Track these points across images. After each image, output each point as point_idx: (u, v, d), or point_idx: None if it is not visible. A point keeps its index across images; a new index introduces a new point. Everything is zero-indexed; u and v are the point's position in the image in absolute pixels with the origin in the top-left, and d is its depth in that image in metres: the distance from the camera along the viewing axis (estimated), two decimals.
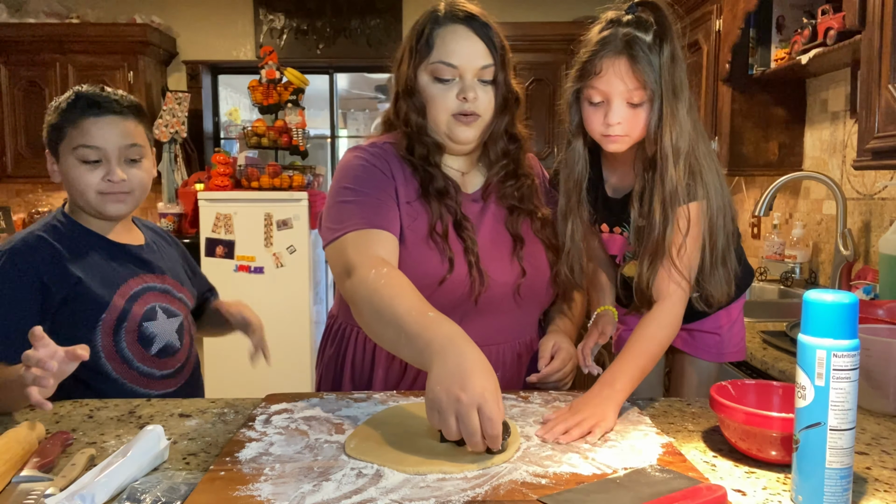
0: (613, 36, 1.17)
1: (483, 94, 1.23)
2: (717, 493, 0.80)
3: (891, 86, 1.62)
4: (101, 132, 1.28)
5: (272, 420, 1.07)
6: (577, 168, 1.30)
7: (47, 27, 4.14)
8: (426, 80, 1.23)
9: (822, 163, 2.65)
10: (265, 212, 3.80)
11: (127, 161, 1.31)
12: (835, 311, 0.78)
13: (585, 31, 1.23)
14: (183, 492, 0.82)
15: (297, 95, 4.10)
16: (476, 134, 1.25)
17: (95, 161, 1.28)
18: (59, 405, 1.19)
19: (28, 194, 4.53)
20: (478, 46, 1.22)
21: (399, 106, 1.27)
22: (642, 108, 1.20)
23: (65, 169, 1.31)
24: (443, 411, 0.88)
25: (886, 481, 0.88)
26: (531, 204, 1.32)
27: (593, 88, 1.20)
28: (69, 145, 1.29)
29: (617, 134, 1.21)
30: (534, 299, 1.33)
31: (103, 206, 1.31)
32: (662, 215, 1.20)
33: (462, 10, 1.23)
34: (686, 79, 1.21)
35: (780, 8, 2.57)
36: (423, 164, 1.26)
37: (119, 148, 1.29)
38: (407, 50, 1.27)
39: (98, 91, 1.31)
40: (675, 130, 1.19)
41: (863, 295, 2.07)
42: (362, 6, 4.42)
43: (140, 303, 1.33)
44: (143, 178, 1.34)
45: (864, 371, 1.09)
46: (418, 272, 1.18)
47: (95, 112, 1.28)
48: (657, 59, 1.17)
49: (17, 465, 0.89)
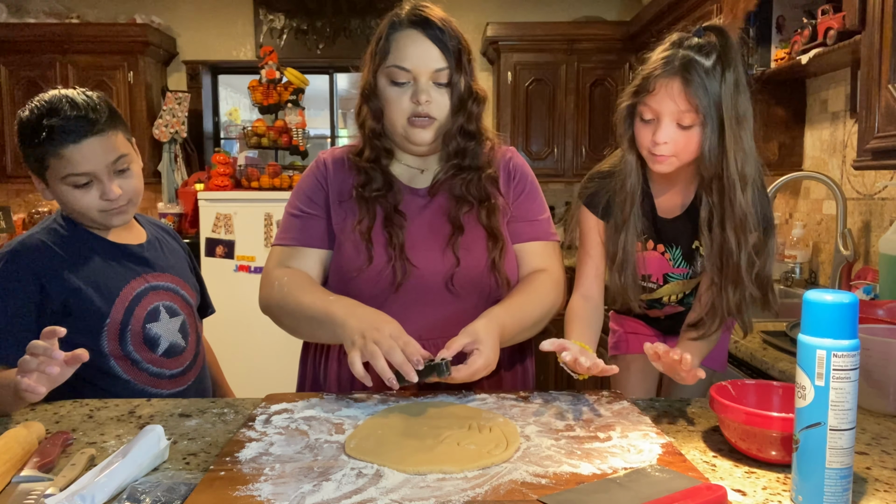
0: (672, 57, 1.21)
1: (438, 97, 1.26)
2: (717, 493, 0.80)
3: (891, 86, 1.62)
4: (85, 157, 1.22)
5: (272, 420, 1.08)
6: (630, 181, 1.32)
7: (47, 27, 4.13)
8: (384, 83, 1.27)
9: (822, 163, 2.65)
10: (265, 212, 3.80)
11: (117, 173, 1.27)
12: (835, 311, 0.78)
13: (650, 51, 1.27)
14: (183, 492, 0.82)
15: (297, 95, 4.10)
16: (431, 136, 1.27)
17: (87, 183, 1.25)
18: (60, 405, 1.19)
19: (28, 194, 4.53)
20: (431, 51, 1.24)
21: (360, 109, 1.33)
22: (693, 130, 1.22)
23: (58, 193, 1.27)
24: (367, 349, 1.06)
25: (886, 481, 0.88)
26: (480, 193, 1.32)
27: (645, 106, 1.24)
28: (56, 175, 1.24)
29: (664, 154, 1.24)
30: (471, 289, 1.30)
31: (108, 221, 1.30)
32: (737, 242, 1.23)
33: (419, 14, 1.25)
34: (751, 106, 1.23)
35: (780, 8, 2.57)
36: (369, 166, 1.32)
37: (107, 165, 1.25)
38: (368, 54, 1.31)
39: (67, 114, 1.21)
40: (740, 157, 1.21)
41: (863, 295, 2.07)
42: (362, 6, 4.42)
43: (143, 304, 1.33)
44: (136, 185, 1.32)
45: (864, 371, 1.09)
46: (342, 265, 1.31)
47: (73, 139, 1.21)
48: (716, 84, 1.19)
49: (17, 465, 0.89)
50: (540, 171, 4.09)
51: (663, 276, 1.42)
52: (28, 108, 1.26)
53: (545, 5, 4.43)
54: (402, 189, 1.33)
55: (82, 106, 1.23)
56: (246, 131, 4.02)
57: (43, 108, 1.23)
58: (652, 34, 3.63)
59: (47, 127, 1.20)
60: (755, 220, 1.24)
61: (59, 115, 1.20)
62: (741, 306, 1.27)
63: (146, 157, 4.22)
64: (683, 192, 1.37)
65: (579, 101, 4.12)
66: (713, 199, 1.26)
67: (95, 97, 1.27)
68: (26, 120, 1.24)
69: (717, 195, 1.25)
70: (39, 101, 1.25)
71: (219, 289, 3.95)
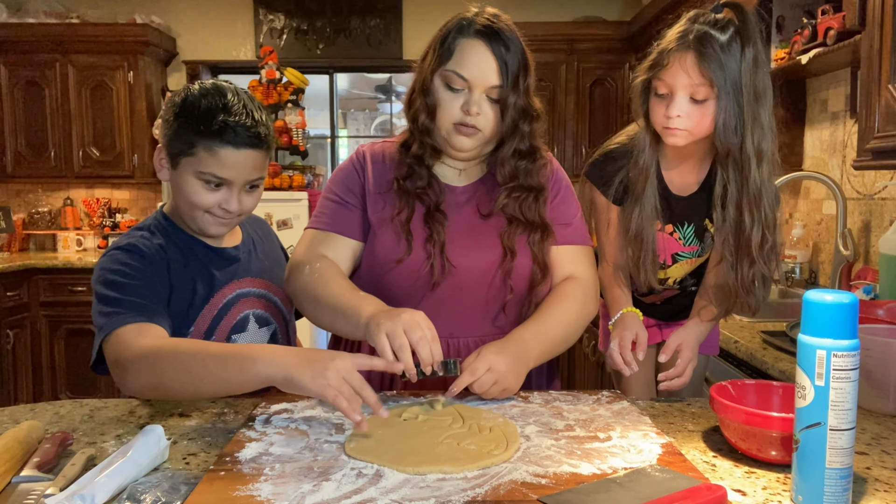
0: (687, 31, 1.21)
1: (488, 110, 1.24)
2: (717, 493, 0.80)
3: (891, 86, 1.62)
4: (235, 165, 1.19)
5: (272, 420, 1.07)
6: (644, 157, 1.32)
7: (47, 27, 4.14)
8: (439, 83, 1.25)
9: (822, 163, 2.65)
10: (265, 212, 3.80)
11: (246, 189, 1.25)
12: (835, 311, 0.78)
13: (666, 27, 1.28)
14: (183, 492, 0.82)
15: (296, 95, 4.10)
16: (474, 145, 1.26)
17: (218, 185, 1.21)
18: (60, 405, 1.19)
19: (28, 194, 4.53)
20: (492, 66, 1.23)
21: (413, 100, 1.30)
22: (707, 105, 1.22)
23: (181, 179, 1.22)
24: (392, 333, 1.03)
25: (886, 481, 0.88)
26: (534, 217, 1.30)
27: (659, 80, 1.24)
28: (195, 166, 1.20)
29: (677, 127, 1.23)
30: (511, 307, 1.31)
31: (207, 226, 1.26)
32: (751, 217, 1.24)
33: (487, 23, 1.24)
34: (770, 82, 1.23)
35: (780, 8, 2.57)
36: (415, 161, 1.30)
37: (246, 180, 1.23)
38: (431, 50, 1.29)
39: (243, 121, 1.18)
40: (757, 132, 1.22)
41: (863, 295, 2.07)
42: (362, 6, 4.42)
43: (232, 314, 1.29)
44: (254, 204, 1.29)
45: (864, 371, 1.09)
46: (378, 255, 1.28)
47: (237, 145, 1.18)
48: (733, 59, 1.19)
49: (17, 465, 0.89)
50: None
51: (672, 257, 1.42)
52: (200, 93, 1.20)
53: (545, 5, 4.43)
54: (443, 188, 1.32)
55: (258, 119, 1.20)
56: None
57: (219, 102, 1.18)
58: (652, 34, 3.63)
59: (221, 123, 1.16)
60: (771, 197, 1.25)
61: (234, 117, 1.17)
62: (754, 283, 1.28)
63: (146, 157, 4.22)
64: (698, 168, 1.37)
65: (579, 101, 4.12)
66: (728, 175, 1.26)
67: (265, 112, 1.25)
68: (200, 105, 1.18)
69: (732, 171, 1.26)
70: (217, 93, 1.19)
71: None
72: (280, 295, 1.35)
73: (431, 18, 4.42)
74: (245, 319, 1.30)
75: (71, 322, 3.95)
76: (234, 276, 1.31)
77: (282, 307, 1.36)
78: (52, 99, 4.13)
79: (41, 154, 4.18)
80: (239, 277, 1.31)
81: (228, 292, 1.29)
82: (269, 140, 1.24)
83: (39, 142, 4.16)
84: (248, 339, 1.29)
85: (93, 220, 4.48)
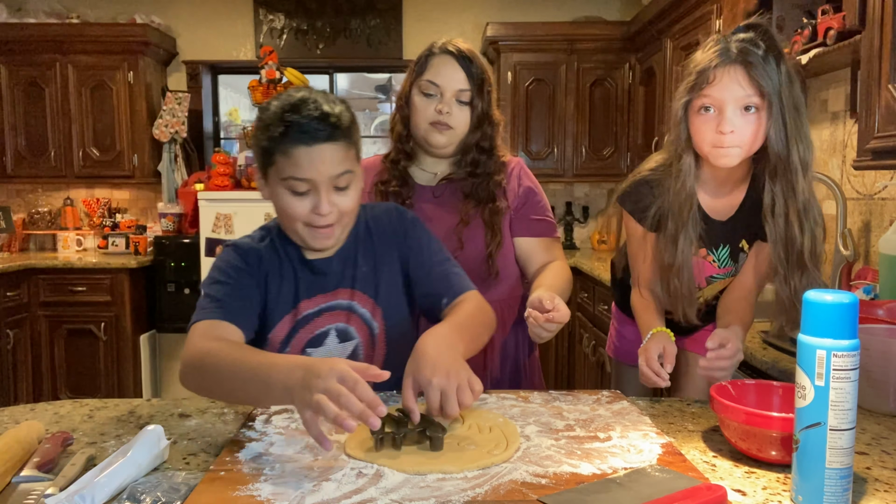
0: (726, 48, 1.22)
1: (458, 111, 1.51)
2: (717, 493, 0.80)
3: (891, 86, 1.62)
4: (313, 163, 1.14)
5: (272, 420, 1.08)
6: (689, 183, 1.31)
7: (47, 27, 4.13)
8: (416, 92, 1.53)
9: (822, 163, 2.65)
10: (265, 212, 3.79)
11: (336, 189, 1.18)
12: (835, 311, 0.78)
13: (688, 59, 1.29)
14: (183, 492, 0.82)
15: None
16: (447, 141, 1.51)
17: (305, 192, 1.17)
18: (60, 405, 1.19)
19: (28, 194, 4.53)
20: (459, 74, 1.50)
21: (393, 115, 1.60)
22: (757, 116, 1.22)
23: (272, 193, 1.21)
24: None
25: (886, 481, 0.88)
26: (487, 195, 1.53)
27: (706, 97, 1.23)
28: (278, 174, 1.17)
29: (731, 144, 1.23)
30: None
31: (310, 240, 1.21)
32: (800, 227, 1.25)
33: (455, 46, 1.53)
34: (804, 96, 1.25)
35: (780, 8, 2.57)
36: (391, 166, 1.57)
37: (329, 178, 1.16)
38: (408, 71, 1.57)
39: (310, 114, 1.14)
40: (802, 144, 1.23)
41: (863, 295, 2.07)
42: (362, 6, 4.42)
43: (310, 327, 1.26)
44: (350, 205, 1.21)
45: (864, 371, 1.08)
46: None
47: (307, 141, 1.13)
48: (773, 70, 1.20)
49: (17, 465, 0.89)
50: (540, 171, 4.09)
51: (706, 279, 1.42)
52: (275, 100, 1.19)
53: (545, 5, 4.43)
54: (415, 186, 1.56)
55: (326, 110, 1.15)
56: (246, 131, 4.02)
57: (287, 104, 1.17)
58: (652, 34, 3.63)
59: (286, 123, 1.14)
60: (817, 207, 1.27)
61: (300, 114, 1.14)
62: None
63: (146, 157, 4.22)
64: (736, 191, 1.37)
65: (579, 101, 4.12)
66: (775, 188, 1.27)
67: (341, 105, 1.20)
68: (269, 111, 1.18)
69: (780, 183, 1.26)
70: (288, 97, 1.18)
71: None
72: (369, 305, 1.28)
73: (431, 18, 4.43)
74: (324, 335, 1.26)
75: (71, 322, 3.94)
76: (321, 289, 1.26)
77: (368, 319, 1.28)
78: (52, 99, 4.13)
79: (41, 154, 4.17)
80: (327, 290, 1.27)
81: (311, 306, 1.26)
82: (347, 131, 1.18)
83: (39, 142, 4.16)
84: (324, 353, 1.26)
85: (93, 220, 4.48)
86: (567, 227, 4.41)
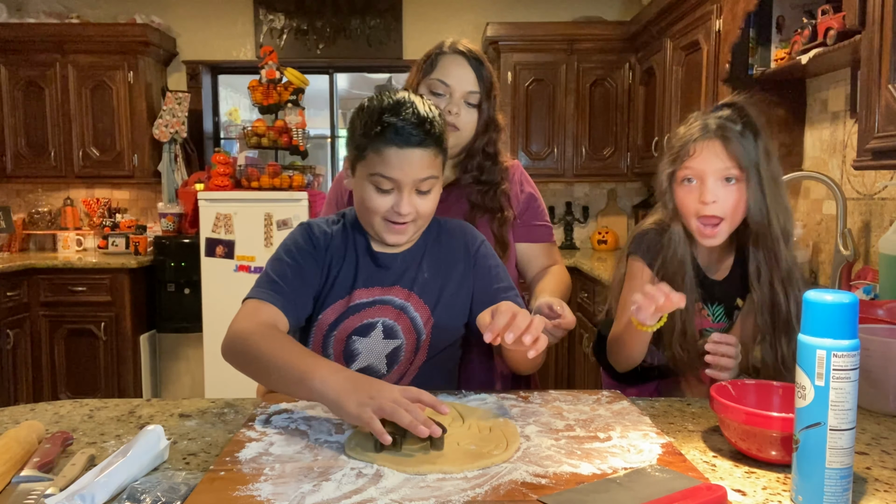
0: (705, 124, 1.29)
1: (465, 113, 1.50)
2: (717, 493, 0.80)
3: (891, 86, 1.62)
4: (402, 165, 1.18)
5: (272, 420, 1.08)
6: (680, 250, 1.35)
7: (47, 27, 4.13)
8: (423, 91, 1.50)
9: (822, 163, 2.65)
10: (265, 212, 3.80)
11: (418, 192, 1.22)
12: (835, 311, 0.78)
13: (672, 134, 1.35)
14: (183, 492, 0.82)
15: (297, 95, 4.10)
16: (454, 142, 1.46)
17: (389, 190, 1.21)
18: (60, 405, 1.19)
19: (28, 194, 4.53)
20: (470, 75, 1.49)
21: None
22: (738, 186, 1.27)
23: (357, 185, 1.25)
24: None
25: (886, 481, 0.88)
26: (495, 205, 1.53)
27: (688, 168, 1.28)
28: (366, 169, 1.21)
29: (713, 214, 1.26)
30: None
31: (383, 234, 1.24)
32: (784, 294, 1.29)
33: (465, 46, 1.52)
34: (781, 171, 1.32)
35: (780, 8, 2.57)
36: None
37: (414, 181, 1.20)
38: (416, 68, 1.55)
39: (408, 118, 1.18)
40: (781, 214, 1.28)
41: (863, 295, 2.07)
42: (362, 6, 4.42)
43: (361, 315, 1.28)
44: (429, 208, 1.25)
45: (864, 371, 1.08)
46: None
47: (400, 143, 1.17)
48: (750, 146, 1.26)
49: (17, 465, 0.89)
50: (540, 171, 4.10)
51: (700, 332, 1.42)
52: (376, 98, 1.23)
53: (545, 5, 4.43)
54: None
55: (423, 116, 1.20)
56: (246, 131, 4.02)
57: (388, 104, 1.21)
58: (652, 34, 3.64)
59: (384, 123, 1.18)
60: (801, 274, 1.31)
61: (399, 116, 1.18)
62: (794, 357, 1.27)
63: (146, 157, 4.23)
64: (727, 253, 1.40)
65: (579, 101, 4.12)
66: (759, 256, 1.31)
67: (437, 113, 1.24)
68: (369, 109, 1.22)
69: (763, 252, 1.31)
70: (389, 97, 1.22)
71: (219, 289, 3.96)
72: (425, 313, 1.29)
73: (431, 18, 4.43)
74: (371, 326, 1.27)
75: (71, 322, 3.95)
76: (378, 282, 1.28)
77: (419, 325, 1.29)
78: (52, 99, 4.13)
79: (41, 154, 4.18)
80: (387, 284, 1.28)
81: (365, 295, 1.27)
82: (438, 139, 1.22)
83: (39, 142, 4.16)
84: (368, 344, 1.28)
85: (93, 220, 4.48)
86: (567, 227, 4.42)
